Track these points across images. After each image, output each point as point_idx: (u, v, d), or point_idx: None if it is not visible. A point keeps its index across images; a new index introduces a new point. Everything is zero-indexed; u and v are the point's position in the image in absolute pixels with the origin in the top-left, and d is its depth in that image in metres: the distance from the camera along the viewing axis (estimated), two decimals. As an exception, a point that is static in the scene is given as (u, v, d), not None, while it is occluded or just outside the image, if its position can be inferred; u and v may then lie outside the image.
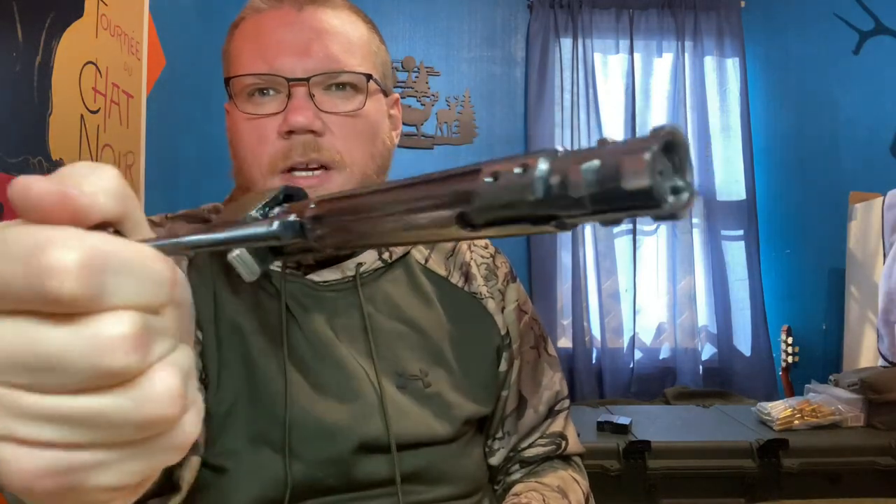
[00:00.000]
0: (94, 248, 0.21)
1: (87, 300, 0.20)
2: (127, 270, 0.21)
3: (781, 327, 2.56)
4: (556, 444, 0.80)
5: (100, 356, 0.20)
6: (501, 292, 0.80)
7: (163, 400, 0.22)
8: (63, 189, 0.22)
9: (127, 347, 0.21)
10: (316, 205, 0.28)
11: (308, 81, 0.65)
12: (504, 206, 0.22)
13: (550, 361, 0.83)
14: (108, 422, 0.21)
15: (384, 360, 0.70)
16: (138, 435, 0.22)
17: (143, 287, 0.21)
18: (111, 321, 0.21)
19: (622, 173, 0.19)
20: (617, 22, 2.66)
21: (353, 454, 0.66)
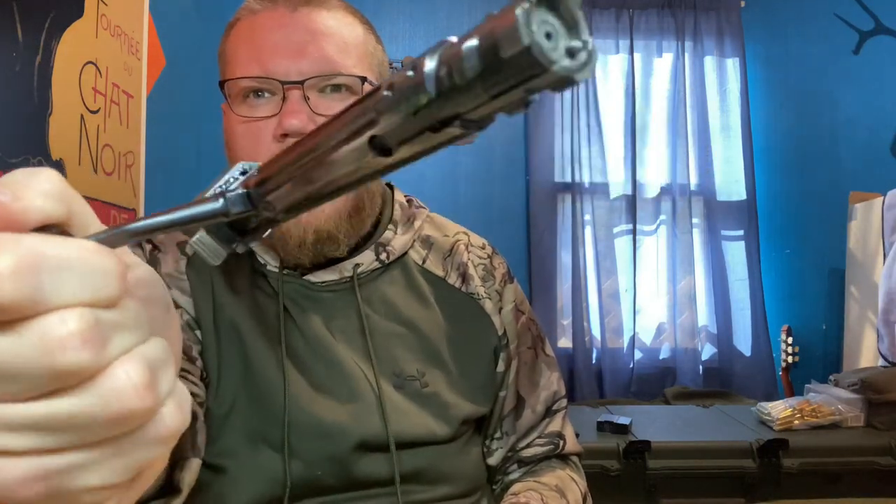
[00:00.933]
0: (28, 249, 0.20)
1: (27, 303, 0.20)
2: (66, 268, 0.21)
3: (781, 327, 2.56)
4: (554, 444, 0.80)
5: (50, 357, 0.20)
6: (499, 293, 0.80)
7: (128, 394, 0.21)
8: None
9: (76, 344, 0.20)
10: (259, 171, 0.27)
11: (303, 84, 0.64)
12: (406, 117, 0.21)
13: (548, 361, 0.83)
14: (76, 423, 0.21)
15: (382, 360, 0.70)
16: (112, 432, 0.22)
17: (86, 282, 0.21)
18: (56, 320, 0.20)
19: (498, 40, 0.18)
20: (617, 22, 2.66)
21: (352, 453, 0.67)
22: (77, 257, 0.21)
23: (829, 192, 2.62)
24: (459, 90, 0.19)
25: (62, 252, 0.21)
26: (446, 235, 0.81)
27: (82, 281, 0.21)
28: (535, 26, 0.17)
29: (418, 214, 0.80)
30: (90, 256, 0.21)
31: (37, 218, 0.22)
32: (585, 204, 2.61)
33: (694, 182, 2.66)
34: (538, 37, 0.17)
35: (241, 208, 0.26)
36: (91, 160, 1.27)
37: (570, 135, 2.62)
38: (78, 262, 0.21)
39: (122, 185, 1.42)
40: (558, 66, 0.18)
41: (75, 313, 0.21)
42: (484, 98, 0.19)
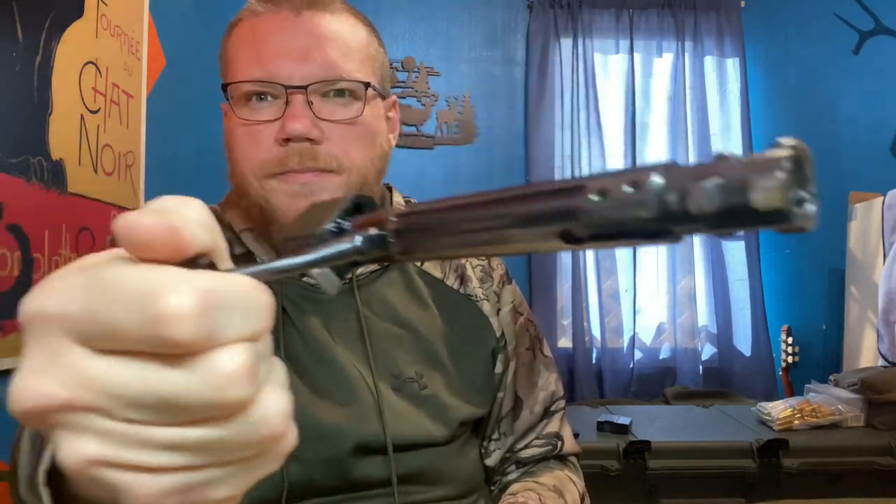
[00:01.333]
0: (205, 290, 0.21)
1: (202, 341, 0.21)
2: (233, 305, 0.22)
3: (781, 327, 2.56)
4: (552, 445, 0.80)
5: (217, 393, 0.21)
6: (497, 294, 0.80)
7: (277, 420, 0.23)
8: (170, 223, 0.22)
9: (242, 381, 0.21)
10: (398, 218, 0.28)
11: (306, 89, 0.64)
12: (614, 224, 0.21)
13: (546, 362, 0.83)
14: (227, 447, 0.22)
15: (380, 362, 0.70)
16: (254, 452, 0.23)
17: (249, 319, 0.22)
18: (225, 358, 0.21)
19: (750, 191, 0.18)
20: (617, 22, 2.66)
21: (350, 455, 0.67)
22: (241, 295, 0.22)
23: (829, 192, 2.62)
24: (685, 217, 0.20)
25: (230, 290, 0.22)
26: None
27: (245, 318, 0.22)
28: (791, 192, 0.18)
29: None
30: (252, 294, 0.22)
31: (196, 249, 0.23)
32: (585, 204, 2.61)
33: (694, 182, 2.65)
34: (791, 197, 0.18)
35: (377, 251, 0.28)
36: (91, 160, 1.27)
37: (570, 135, 2.62)
38: (242, 300, 0.22)
39: (122, 185, 1.42)
40: (796, 219, 0.18)
41: (242, 350, 0.22)
42: (706, 226, 0.20)
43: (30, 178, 1.06)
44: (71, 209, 1.19)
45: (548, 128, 2.63)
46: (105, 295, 0.21)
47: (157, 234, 0.22)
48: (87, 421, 0.21)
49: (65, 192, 1.17)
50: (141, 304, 0.21)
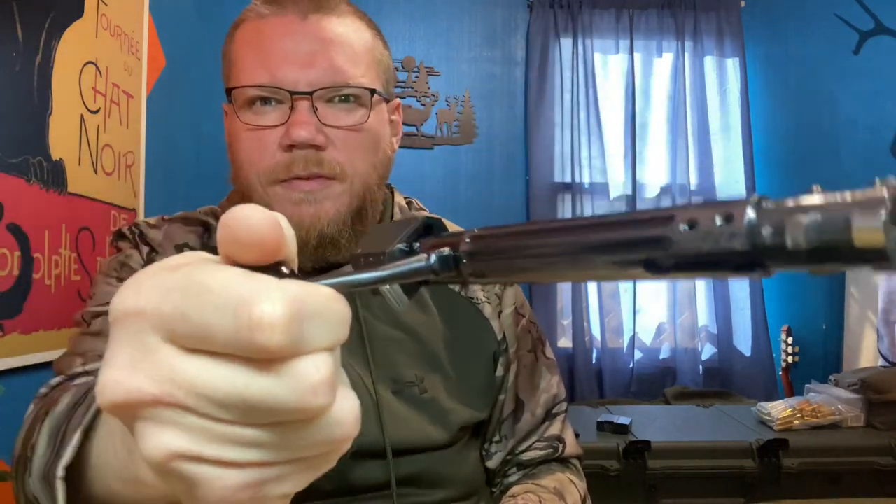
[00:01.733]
0: (295, 299, 0.22)
1: (290, 349, 0.22)
2: (319, 316, 0.22)
3: (781, 327, 2.56)
4: (554, 448, 0.80)
5: (302, 399, 0.22)
6: (499, 296, 0.79)
7: (350, 423, 0.24)
8: (278, 221, 0.24)
9: (325, 389, 0.22)
10: (471, 240, 0.28)
11: (311, 95, 0.63)
12: (704, 254, 0.21)
13: (548, 364, 0.83)
14: (304, 447, 0.23)
15: (380, 366, 0.70)
16: (326, 451, 0.24)
17: (332, 329, 0.23)
18: (311, 366, 0.22)
19: (851, 229, 0.18)
20: (617, 22, 2.66)
21: (349, 460, 0.66)
22: (326, 306, 0.23)
23: (829, 192, 2.62)
24: (780, 252, 0.20)
25: (316, 300, 0.22)
26: None
27: (330, 328, 0.23)
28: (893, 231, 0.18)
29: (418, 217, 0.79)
30: (335, 305, 0.23)
31: (286, 256, 0.24)
32: (585, 204, 2.61)
33: (694, 182, 2.66)
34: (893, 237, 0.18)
35: (447, 271, 0.28)
36: (91, 160, 1.27)
37: (570, 135, 2.62)
38: (327, 311, 0.23)
39: (122, 185, 1.42)
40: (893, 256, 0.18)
41: (326, 360, 0.23)
42: (801, 262, 0.20)
43: (30, 178, 1.06)
44: (71, 209, 1.19)
45: (548, 128, 2.63)
46: (200, 297, 0.22)
47: (270, 231, 0.23)
48: (174, 416, 0.22)
49: (65, 192, 1.17)
50: (234, 310, 0.21)
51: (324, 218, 0.66)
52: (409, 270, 0.28)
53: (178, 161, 1.87)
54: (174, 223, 0.74)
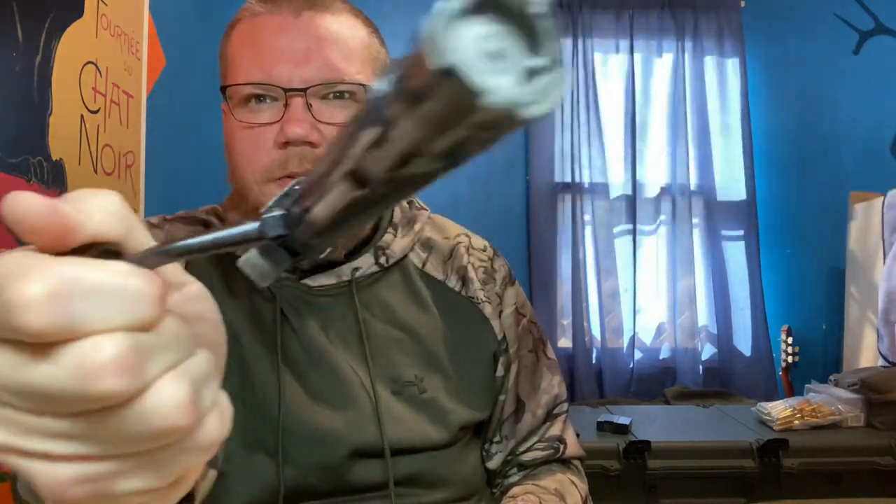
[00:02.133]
0: (62, 276, 0.20)
1: (59, 330, 0.20)
2: (99, 292, 0.21)
3: (781, 327, 2.56)
4: (555, 449, 0.80)
5: (88, 383, 0.20)
6: (499, 296, 0.79)
7: (170, 411, 0.22)
8: (53, 204, 0.22)
9: (114, 371, 0.20)
10: (300, 188, 0.25)
11: (305, 92, 0.64)
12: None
13: (549, 365, 0.82)
14: (120, 438, 0.22)
15: (379, 366, 0.70)
16: (154, 444, 0.22)
17: (121, 307, 0.21)
18: (90, 347, 0.20)
19: (418, 58, 0.15)
20: (617, 22, 2.66)
21: (347, 460, 0.66)
22: (110, 282, 0.21)
23: (829, 192, 2.62)
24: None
25: (95, 276, 0.21)
26: (447, 238, 0.80)
27: (117, 306, 0.21)
28: (462, 40, 0.14)
29: (419, 216, 0.79)
30: (124, 280, 0.21)
31: (92, 231, 0.23)
32: (585, 204, 2.61)
33: (694, 182, 2.66)
34: (467, 55, 0.14)
35: (280, 232, 0.25)
36: (91, 160, 1.27)
37: (570, 135, 2.62)
38: (111, 287, 0.21)
39: (122, 185, 1.42)
40: (498, 96, 0.14)
41: (111, 339, 0.21)
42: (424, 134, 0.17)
43: (30, 178, 1.06)
44: (71, 209, 1.19)
45: (548, 128, 2.63)
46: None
47: (39, 214, 0.21)
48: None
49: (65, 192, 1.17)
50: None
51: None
52: (235, 235, 0.25)
53: (178, 161, 1.87)
54: (175, 222, 0.75)
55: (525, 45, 0.15)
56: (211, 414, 0.24)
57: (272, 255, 0.26)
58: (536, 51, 0.15)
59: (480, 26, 0.15)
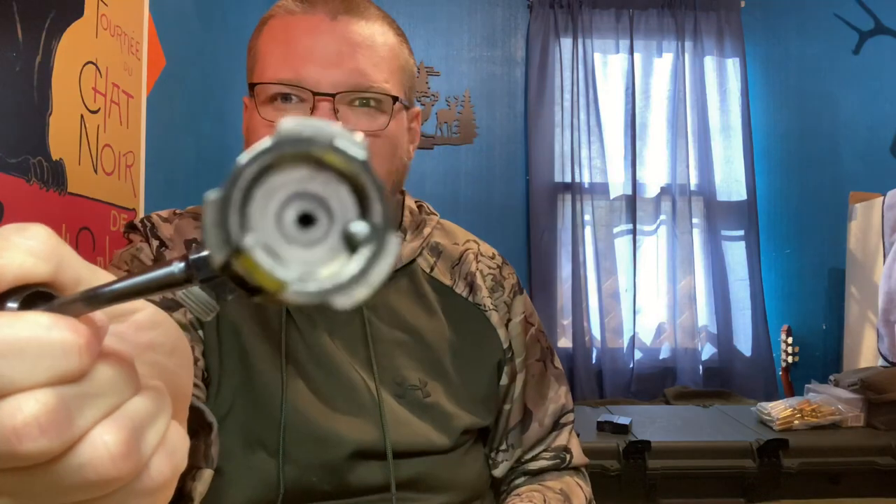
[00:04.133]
0: None
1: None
2: (16, 350, 0.19)
3: (781, 327, 2.56)
4: (561, 459, 0.80)
5: (12, 445, 0.19)
6: (507, 304, 0.79)
7: (104, 462, 0.20)
8: None
9: (34, 432, 0.19)
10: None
11: (333, 97, 0.63)
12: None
13: (557, 374, 0.82)
14: (52, 492, 0.20)
15: (384, 369, 0.70)
16: (89, 496, 0.21)
17: (44, 363, 0.19)
18: (9, 408, 0.19)
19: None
20: (617, 22, 2.66)
21: (348, 461, 0.66)
22: (29, 337, 0.19)
23: (829, 192, 2.62)
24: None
25: (9, 333, 0.19)
26: (456, 243, 0.80)
27: (40, 361, 0.19)
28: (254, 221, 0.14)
29: (428, 221, 0.79)
30: (45, 333, 0.20)
31: (14, 276, 0.21)
32: (585, 204, 2.61)
33: (694, 182, 2.66)
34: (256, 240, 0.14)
35: (208, 273, 0.21)
36: (91, 160, 1.27)
37: (570, 135, 2.62)
38: (30, 342, 0.19)
39: (122, 185, 1.42)
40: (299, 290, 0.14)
41: (32, 397, 0.19)
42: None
43: (30, 178, 1.06)
44: (71, 209, 1.19)
45: (548, 128, 2.63)
46: None
47: None
48: None
49: (65, 192, 1.17)
50: None
51: None
52: (161, 278, 0.22)
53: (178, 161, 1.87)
54: (185, 218, 0.74)
55: (348, 203, 0.14)
56: (157, 456, 0.22)
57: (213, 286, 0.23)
58: (362, 212, 0.14)
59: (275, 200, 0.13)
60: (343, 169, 0.13)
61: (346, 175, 0.13)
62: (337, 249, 0.14)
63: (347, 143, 0.13)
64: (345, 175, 0.13)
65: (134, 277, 0.22)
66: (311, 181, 0.13)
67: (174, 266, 0.22)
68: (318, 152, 0.13)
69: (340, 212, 0.14)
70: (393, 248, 0.14)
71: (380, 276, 0.14)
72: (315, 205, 0.14)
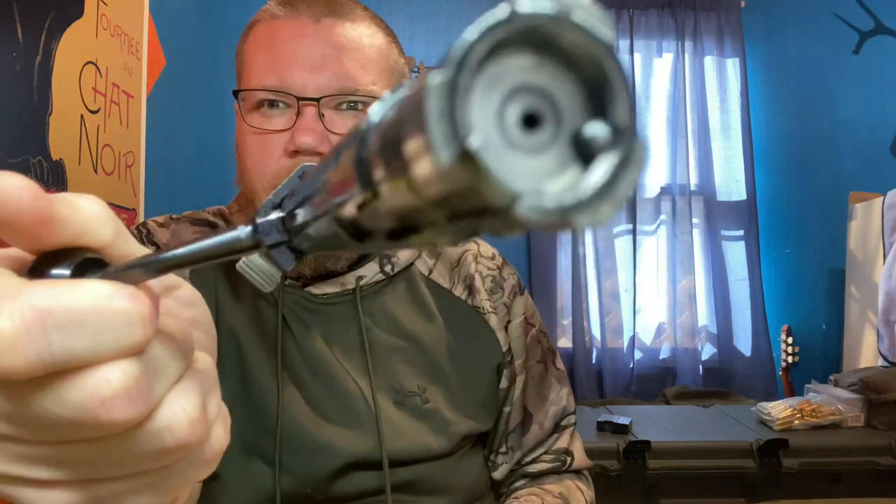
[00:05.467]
0: (37, 309, 0.18)
1: (46, 366, 0.18)
2: (84, 322, 0.18)
3: (781, 327, 2.56)
4: (561, 461, 0.79)
5: (98, 415, 0.19)
6: (507, 306, 0.78)
7: (183, 428, 0.21)
8: (38, 190, 0.20)
9: (125, 402, 0.19)
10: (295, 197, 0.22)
11: (318, 101, 0.62)
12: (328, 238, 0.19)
13: (558, 376, 0.82)
14: (126, 460, 0.21)
15: (381, 375, 0.69)
16: (162, 463, 0.21)
17: (111, 334, 0.19)
18: (98, 379, 0.19)
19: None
20: (617, 22, 2.66)
21: (343, 471, 0.66)
22: (93, 307, 0.19)
23: (829, 192, 2.62)
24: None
25: (79, 304, 0.18)
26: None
27: (106, 333, 0.19)
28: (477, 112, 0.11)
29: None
30: (108, 303, 0.19)
31: (76, 230, 0.20)
32: (585, 204, 2.61)
33: (694, 182, 2.66)
34: (485, 134, 0.11)
35: (278, 239, 0.21)
36: (91, 160, 1.27)
37: (570, 135, 2.62)
38: (95, 313, 0.19)
39: (122, 185, 1.42)
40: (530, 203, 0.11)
41: (116, 370, 0.19)
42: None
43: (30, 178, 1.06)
44: (71, 209, 1.19)
45: (548, 128, 2.63)
46: None
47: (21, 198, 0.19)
48: None
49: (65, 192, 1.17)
50: None
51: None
52: (224, 244, 0.21)
53: (178, 161, 1.87)
54: (182, 223, 0.74)
55: (577, 101, 0.11)
56: (217, 423, 0.23)
57: (275, 256, 0.22)
58: (595, 111, 0.11)
59: (501, 87, 0.10)
60: (580, 53, 0.11)
61: (582, 62, 0.11)
62: (567, 157, 0.11)
63: (592, 18, 0.10)
64: (579, 62, 0.11)
65: (197, 243, 0.21)
66: (536, 71, 0.10)
67: (240, 230, 0.21)
68: (553, 28, 0.11)
69: (570, 111, 0.11)
70: (641, 154, 0.11)
71: (627, 189, 0.11)
72: (541, 101, 0.11)
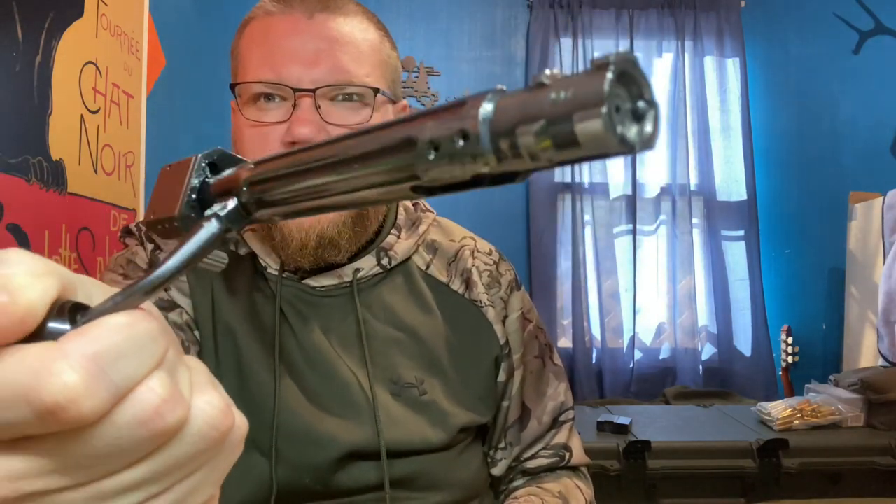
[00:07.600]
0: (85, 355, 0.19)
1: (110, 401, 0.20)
2: (124, 353, 0.20)
3: (781, 327, 2.56)
4: (560, 457, 0.79)
5: (154, 430, 0.20)
6: (504, 300, 0.78)
7: (218, 418, 0.23)
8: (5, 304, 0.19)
9: (170, 408, 0.21)
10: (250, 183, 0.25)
11: (314, 93, 0.64)
12: (456, 176, 0.21)
13: (556, 371, 0.82)
14: (185, 464, 0.22)
15: (379, 367, 0.70)
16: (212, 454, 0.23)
17: (146, 353, 0.21)
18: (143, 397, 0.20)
19: (577, 133, 0.18)
20: (617, 22, 2.66)
21: (341, 462, 0.66)
22: (129, 335, 0.20)
23: (829, 192, 2.62)
24: (522, 161, 0.19)
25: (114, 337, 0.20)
26: (452, 240, 0.80)
27: (143, 354, 0.21)
28: (614, 114, 0.18)
29: (424, 218, 0.79)
30: (136, 328, 0.21)
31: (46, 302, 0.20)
32: (585, 204, 2.61)
33: (694, 182, 2.66)
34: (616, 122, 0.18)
35: (240, 224, 0.25)
36: (91, 160, 1.27)
37: (570, 135, 2.62)
38: (131, 339, 0.20)
39: (122, 185, 1.42)
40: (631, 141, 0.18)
41: (156, 381, 0.21)
42: (546, 165, 0.19)
43: (30, 178, 1.06)
44: (71, 209, 1.19)
45: (548, 128, 2.63)
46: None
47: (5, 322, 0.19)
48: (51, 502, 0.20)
49: (64, 192, 1.17)
50: (26, 400, 0.18)
51: (323, 219, 0.66)
52: (205, 241, 0.24)
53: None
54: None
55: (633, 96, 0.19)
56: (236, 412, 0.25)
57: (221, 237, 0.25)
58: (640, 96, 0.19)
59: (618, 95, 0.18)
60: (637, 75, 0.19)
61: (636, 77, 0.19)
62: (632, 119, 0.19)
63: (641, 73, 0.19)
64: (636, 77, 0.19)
65: (180, 251, 0.24)
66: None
67: (211, 226, 0.25)
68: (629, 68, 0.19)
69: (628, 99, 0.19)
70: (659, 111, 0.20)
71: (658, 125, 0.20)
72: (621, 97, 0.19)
